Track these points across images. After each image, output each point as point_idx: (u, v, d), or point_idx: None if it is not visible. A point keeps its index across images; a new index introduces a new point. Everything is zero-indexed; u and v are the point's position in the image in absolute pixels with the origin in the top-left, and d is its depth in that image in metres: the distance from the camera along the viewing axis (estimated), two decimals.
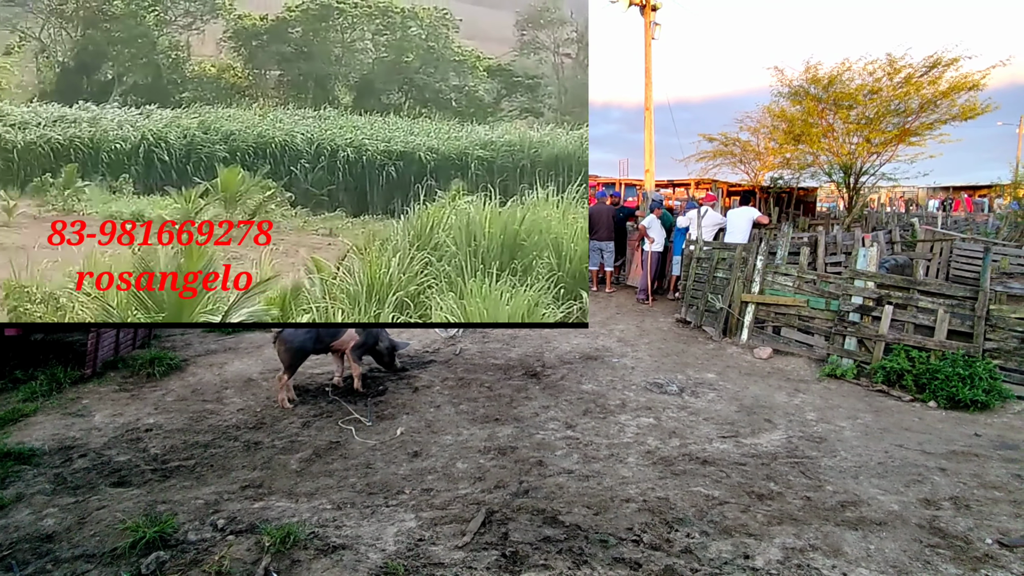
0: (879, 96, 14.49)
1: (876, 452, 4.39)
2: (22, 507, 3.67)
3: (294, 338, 5.33)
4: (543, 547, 3.15)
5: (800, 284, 7.00)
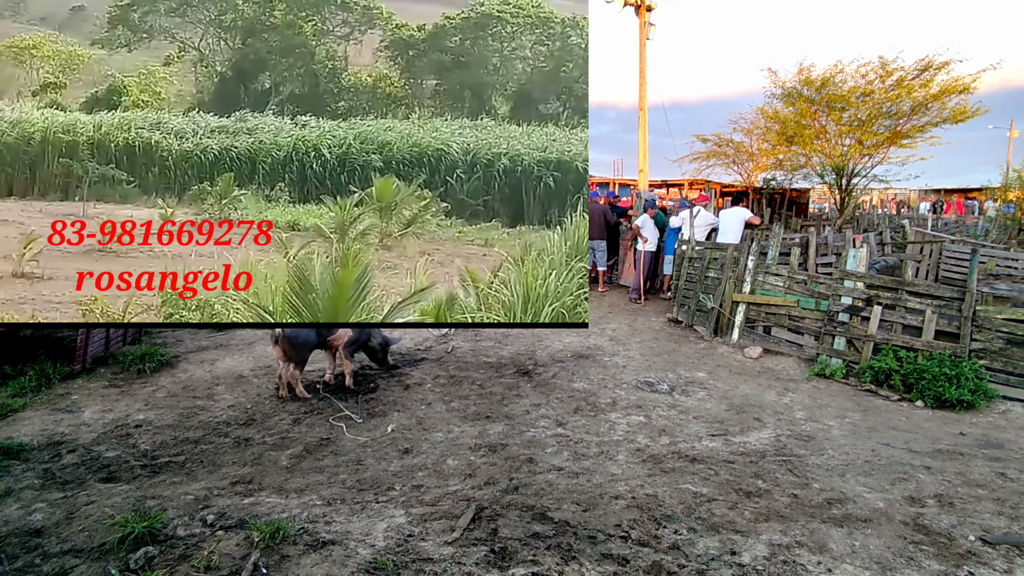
0: (871, 98, 14.59)
1: (863, 451, 4.44)
2: (10, 502, 3.66)
3: (297, 335, 5.34)
4: (532, 543, 3.16)
5: (791, 284, 7.05)
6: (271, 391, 5.70)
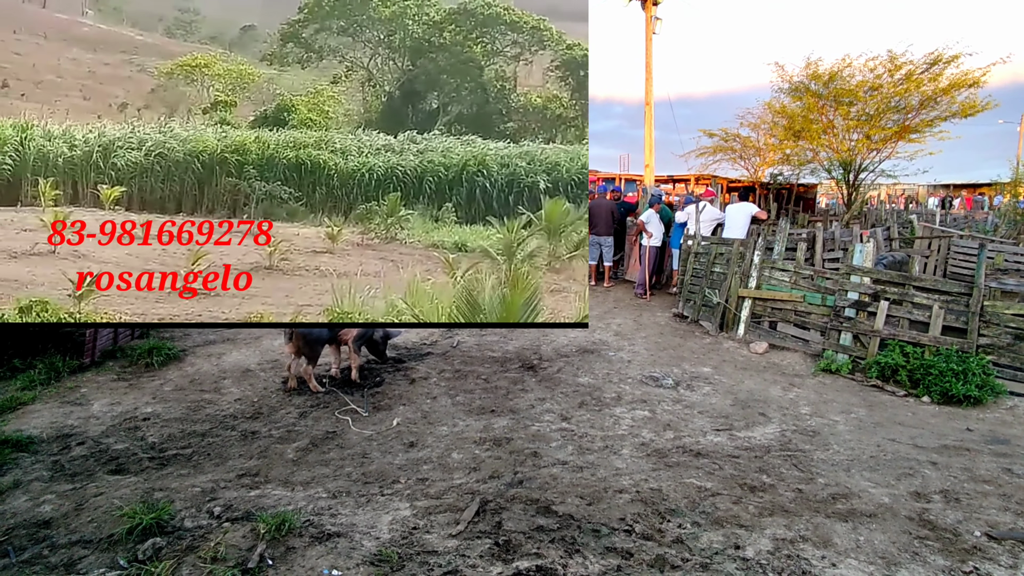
0: (879, 93, 14.48)
1: (868, 446, 4.43)
2: (19, 494, 3.70)
3: (311, 331, 5.37)
4: (536, 536, 3.18)
5: (797, 279, 7.02)
6: (278, 385, 5.73)
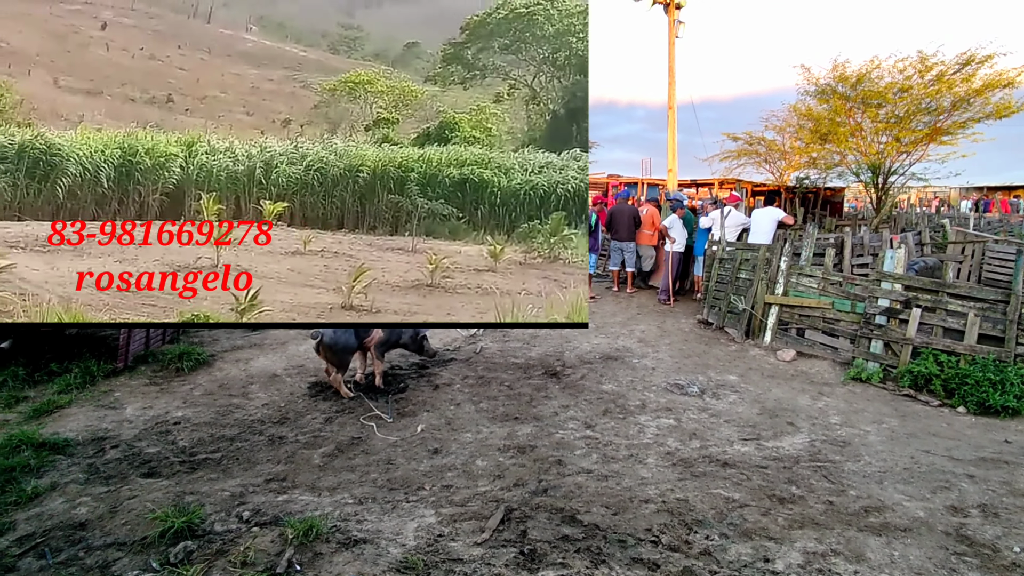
0: (909, 94, 14.19)
1: (902, 457, 4.32)
2: (56, 496, 3.80)
3: (337, 341, 5.44)
4: (561, 546, 3.16)
5: (825, 286, 6.90)
6: (304, 390, 5.80)
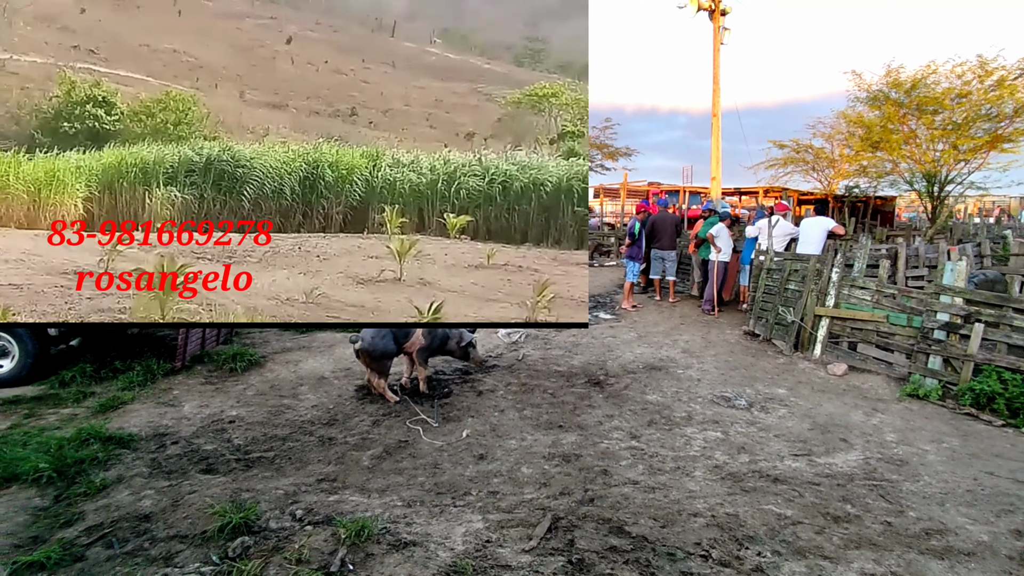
0: (968, 100, 13.68)
1: (964, 479, 4.15)
2: (122, 488, 3.98)
3: (374, 347, 5.55)
4: (609, 556, 3.15)
5: (879, 298, 6.68)
6: (351, 393, 5.93)
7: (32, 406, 5.51)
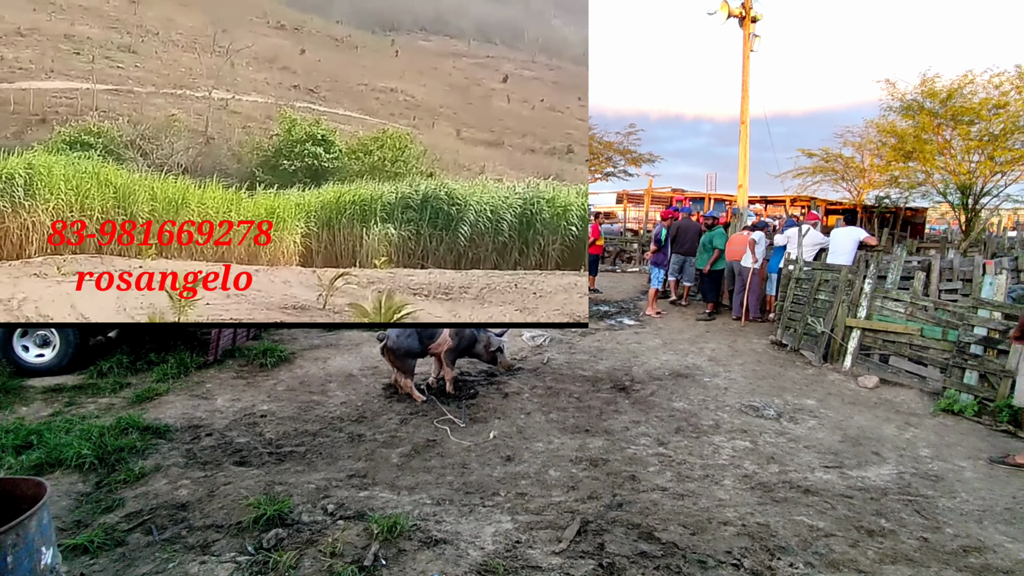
0: (1006, 111, 13.39)
1: (1002, 496, 4.06)
2: (160, 477, 4.08)
3: (399, 346, 5.61)
4: (640, 562, 3.15)
5: (914, 311, 6.57)
6: (379, 390, 6.00)
7: (73, 394, 5.67)
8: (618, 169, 25.44)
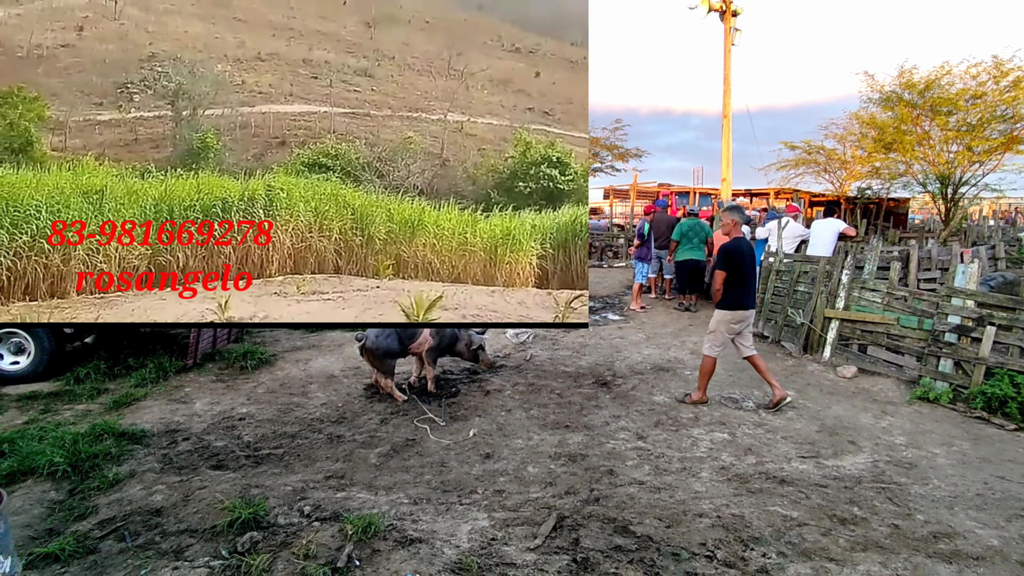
0: (983, 101, 13.55)
1: (974, 483, 4.12)
2: (134, 483, 4.05)
3: (378, 346, 5.59)
4: (614, 556, 3.16)
5: (890, 301, 6.64)
6: (360, 391, 5.98)
7: (48, 402, 5.60)
8: (605, 165, 25.51)
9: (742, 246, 5.66)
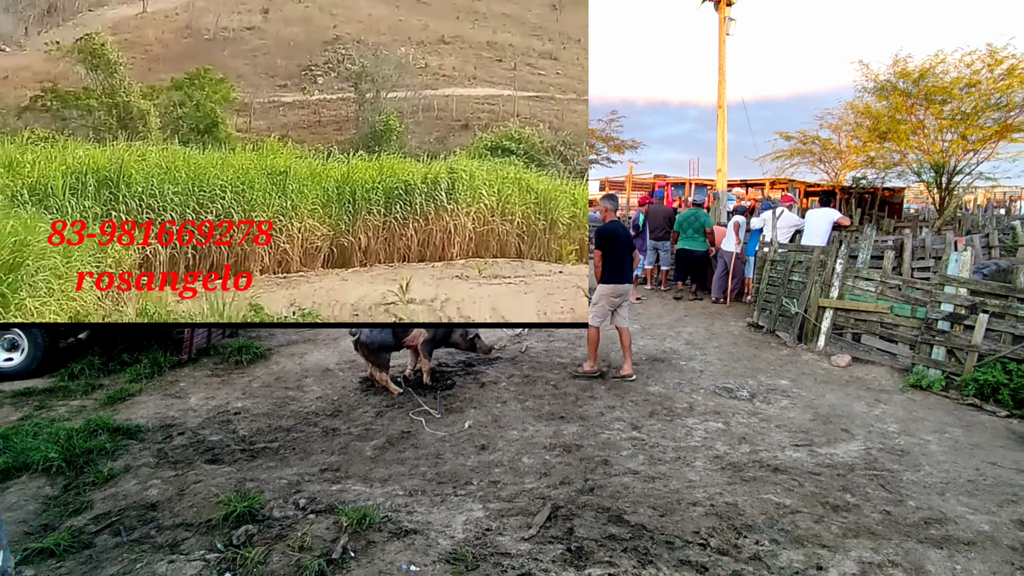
0: (977, 90, 13.53)
1: (966, 469, 4.15)
2: (129, 478, 4.05)
3: (373, 339, 5.58)
4: (608, 544, 3.18)
5: (883, 289, 6.66)
6: (355, 384, 5.98)
7: (43, 398, 5.59)
8: (601, 156, 25.46)
9: (616, 229, 5.99)
